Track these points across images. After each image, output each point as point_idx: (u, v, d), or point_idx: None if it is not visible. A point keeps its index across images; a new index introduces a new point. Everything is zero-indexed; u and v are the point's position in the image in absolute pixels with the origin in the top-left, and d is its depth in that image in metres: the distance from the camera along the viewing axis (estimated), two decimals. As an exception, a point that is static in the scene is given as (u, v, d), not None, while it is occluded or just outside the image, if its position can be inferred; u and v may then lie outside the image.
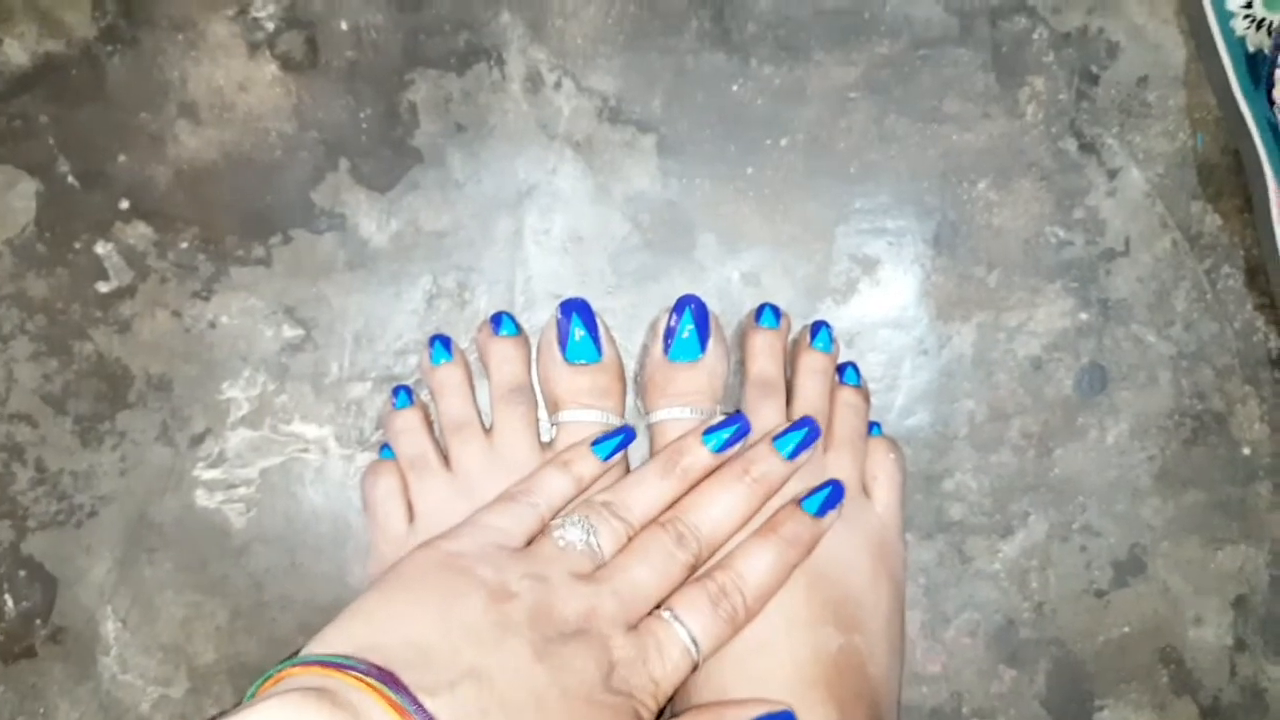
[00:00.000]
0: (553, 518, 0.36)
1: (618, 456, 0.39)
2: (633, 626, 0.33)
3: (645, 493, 0.37)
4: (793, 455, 0.38)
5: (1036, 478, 0.44)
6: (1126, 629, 0.44)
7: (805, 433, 0.38)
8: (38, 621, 0.43)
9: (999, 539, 0.43)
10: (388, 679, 0.27)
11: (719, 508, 0.36)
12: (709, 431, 0.38)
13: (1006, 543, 0.44)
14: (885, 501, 0.41)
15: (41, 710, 0.42)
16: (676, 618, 0.34)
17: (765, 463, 0.37)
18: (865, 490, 0.41)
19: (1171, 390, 0.44)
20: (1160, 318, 0.44)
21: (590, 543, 0.35)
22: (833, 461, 0.40)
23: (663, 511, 0.37)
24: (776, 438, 0.38)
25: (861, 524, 0.40)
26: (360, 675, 0.27)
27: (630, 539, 0.36)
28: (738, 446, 0.38)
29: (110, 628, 0.43)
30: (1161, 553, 0.44)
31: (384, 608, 0.31)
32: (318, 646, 0.29)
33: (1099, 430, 0.44)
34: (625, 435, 0.39)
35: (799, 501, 0.37)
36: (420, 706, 0.27)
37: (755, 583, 0.35)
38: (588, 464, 0.38)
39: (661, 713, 0.34)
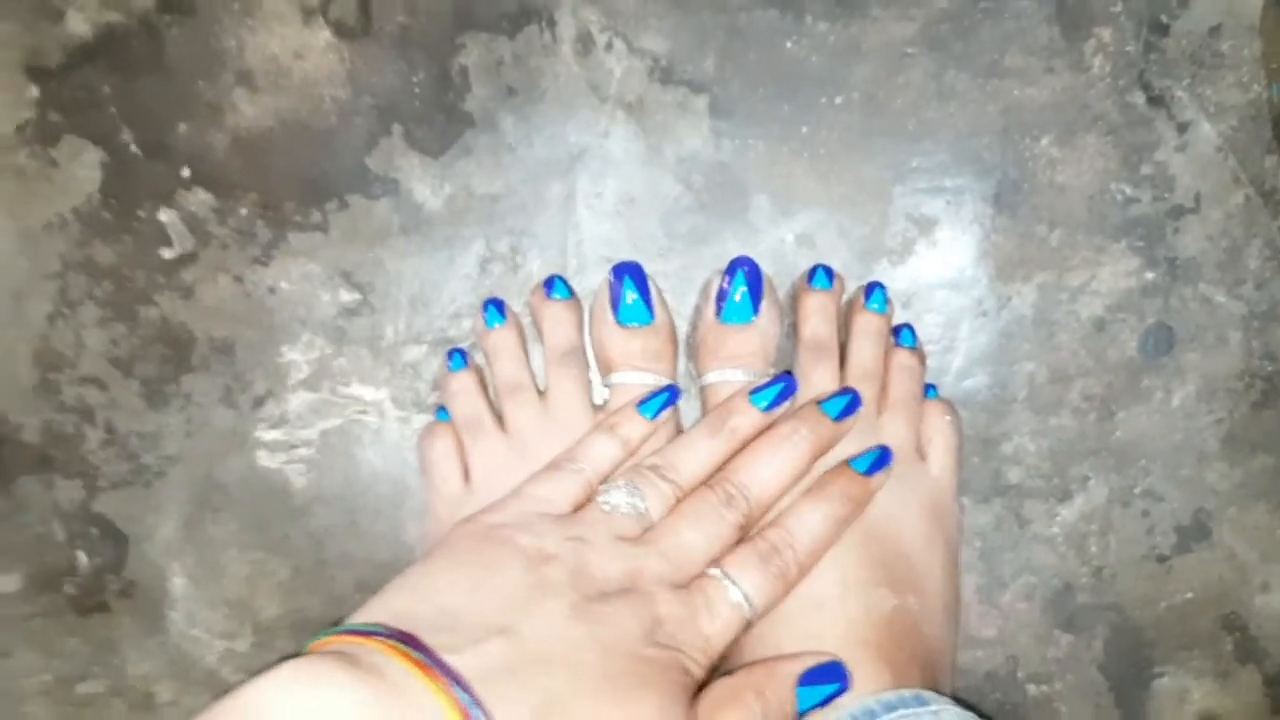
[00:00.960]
0: (601, 483, 0.37)
1: (664, 415, 0.39)
2: (682, 586, 0.33)
3: (693, 454, 0.37)
4: (839, 418, 0.37)
5: (1098, 441, 0.43)
6: (1189, 595, 0.43)
7: (850, 398, 0.38)
8: (109, 577, 0.44)
9: (1057, 503, 0.43)
10: (409, 640, 0.28)
11: (768, 468, 0.36)
12: (756, 391, 0.38)
13: (1065, 507, 0.43)
14: (941, 464, 0.41)
15: (114, 662, 0.44)
16: (726, 575, 0.34)
17: (813, 422, 0.37)
18: (920, 453, 0.41)
19: (1241, 351, 0.42)
20: (1231, 276, 0.42)
21: (636, 505, 0.35)
22: (887, 424, 0.40)
23: (712, 473, 0.37)
24: (823, 403, 0.38)
25: (916, 486, 0.39)
26: (382, 639, 0.27)
27: (679, 501, 0.36)
28: (785, 405, 0.38)
29: (178, 583, 0.44)
30: (1228, 518, 0.43)
31: (422, 580, 0.32)
32: (358, 618, 0.30)
33: (1164, 392, 0.43)
34: (670, 394, 0.39)
35: (848, 462, 0.37)
36: (441, 662, 0.27)
37: (805, 539, 0.35)
38: (634, 425, 0.38)
39: (715, 670, 0.34)
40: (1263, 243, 0.42)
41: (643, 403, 0.38)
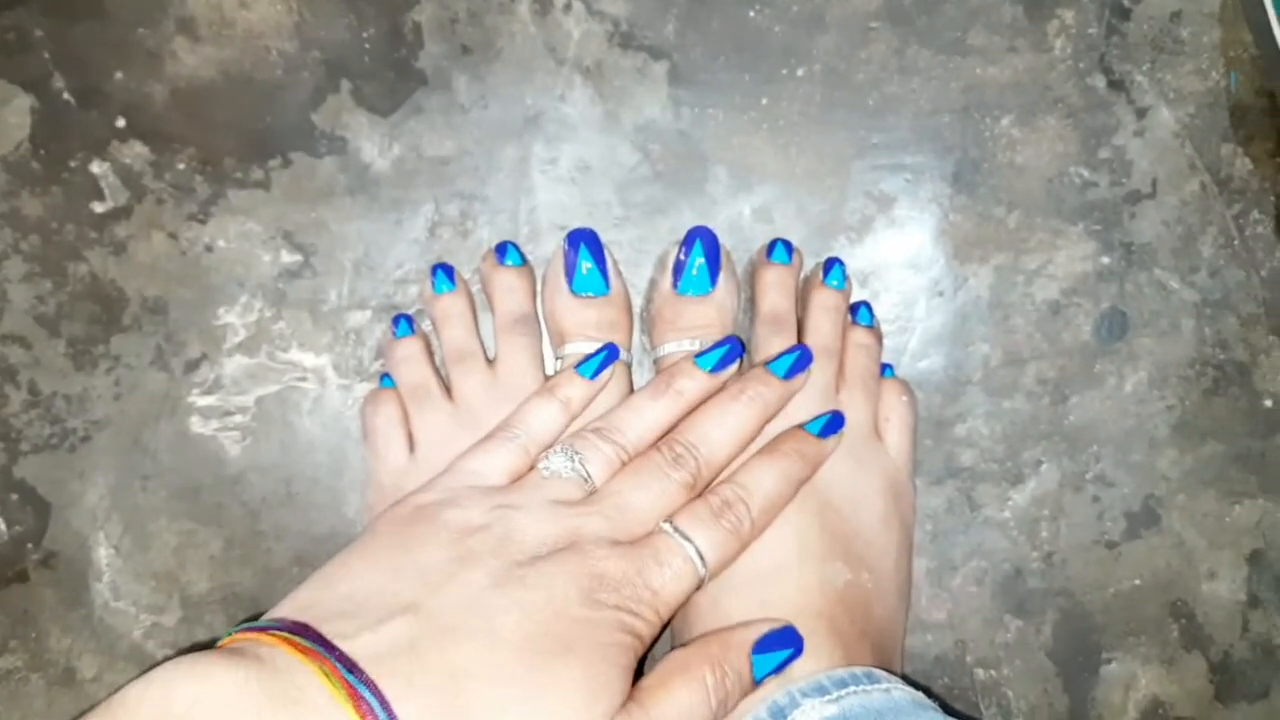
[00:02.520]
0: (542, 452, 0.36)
1: (605, 376, 0.38)
2: (626, 544, 0.32)
3: (638, 416, 0.36)
4: (788, 376, 0.37)
5: (1050, 425, 0.42)
6: (1137, 581, 0.43)
7: (798, 355, 0.37)
8: (30, 546, 0.42)
9: (1009, 487, 0.42)
10: (299, 629, 0.27)
11: (717, 428, 0.35)
12: (701, 355, 0.37)
13: (1017, 491, 0.43)
14: (897, 444, 0.40)
15: (33, 635, 0.42)
16: (678, 530, 0.33)
17: (761, 383, 0.36)
18: (877, 432, 0.40)
19: (1194, 339, 0.42)
20: (1185, 263, 0.42)
21: (577, 469, 0.34)
22: (845, 401, 0.39)
23: (659, 437, 0.36)
24: (770, 362, 0.37)
25: (874, 464, 0.39)
26: (273, 632, 0.27)
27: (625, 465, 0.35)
28: (732, 369, 0.37)
29: (103, 554, 0.42)
30: (1177, 505, 0.43)
31: (337, 570, 0.31)
32: (267, 615, 0.29)
33: (1117, 378, 0.42)
34: (609, 352, 0.38)
35: (801, 426, 0.36)
36: (332, 648, 0.26)
37: (758, 495, 0.34)
38: (573, 387, 0.37)
39: (660, 634, 0.33)
40: (1217, 230, 0.42)
41: (581, 364, 0.37)
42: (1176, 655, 0.42)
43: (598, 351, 0.38)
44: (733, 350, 0.37)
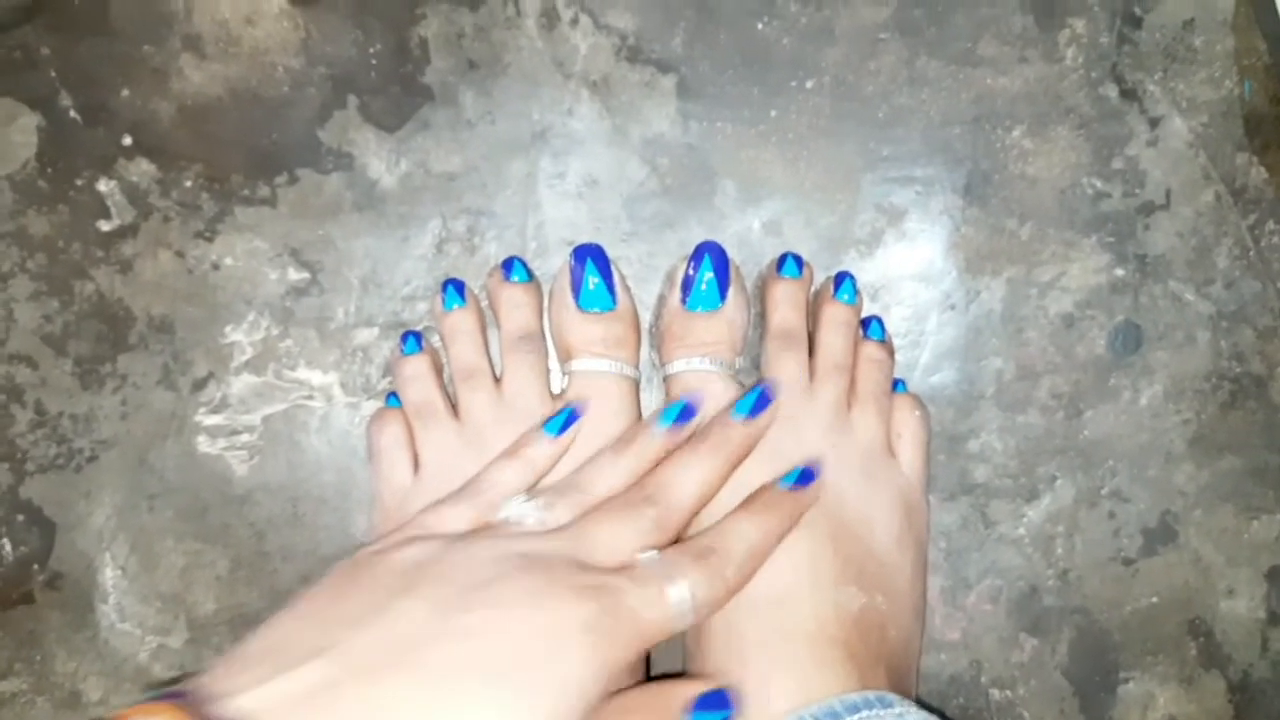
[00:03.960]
0: None
1: (570, 434, 0.37)
2: (596, 569, 0.31)
3: (604, 470, 0.35)
4: (751, 415, 0.36)
5: (1065, 440, 0.42)
6: (1155, 599, 0.42)
7: (758, 395, 0.37)
8: (35, 567, 0.42)
9: (1024, 503, 0.42)
10: (175, 695, 0.25)
11: (681, 471, 0.34)
12: (660, 412, 0.36)
13: (1032, 507, 0.42)
14: (910, 461, 0.39)
15: (38, 657, 0.42)
16: (654, 560, 0.31)
17: (721, 428, 0.36)
18: (890, 449, 0.39)
19: (1209, 351, 0.42)
20: (1200, 275, 0.42)
21: (543, 518, 0.33)
22: (857, 418, 0.39)
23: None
24: (735, 405, 0.36)
25: (889, 483, 0.38)
26: (155, 701, 0.25)
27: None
28: (693, 424, 0.37)
29: (109, 575, 0.42)
30: (1194, 521, 0.42)
31: (278, 622, 0.29)
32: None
33: (1132, 392, 0.42)
34: (571, 414, 0.37)
35: (777, 481, 0.36)
36: (203, 699, 0.25)
37: (741, 541, 0.33)
38: (539, 446, 0.36)
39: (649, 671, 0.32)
40: (1232, 241, 0.42)
41: (547, 422, 0.37)
42: (1195, 674, 0.42)
43: (560, 411, 0.37)
44: (687, 409, 0.37)
